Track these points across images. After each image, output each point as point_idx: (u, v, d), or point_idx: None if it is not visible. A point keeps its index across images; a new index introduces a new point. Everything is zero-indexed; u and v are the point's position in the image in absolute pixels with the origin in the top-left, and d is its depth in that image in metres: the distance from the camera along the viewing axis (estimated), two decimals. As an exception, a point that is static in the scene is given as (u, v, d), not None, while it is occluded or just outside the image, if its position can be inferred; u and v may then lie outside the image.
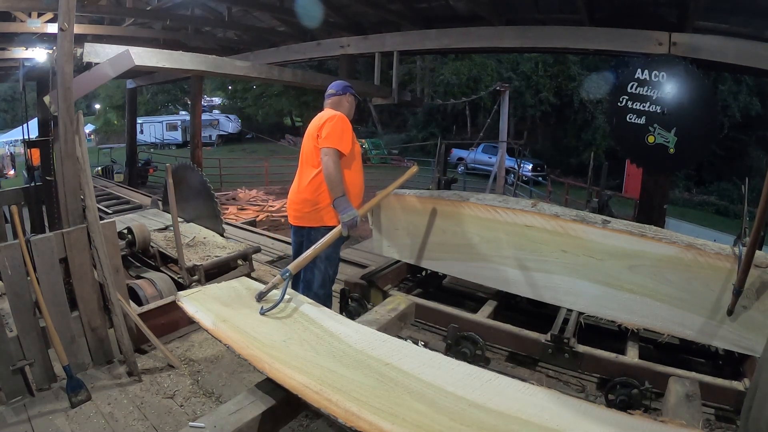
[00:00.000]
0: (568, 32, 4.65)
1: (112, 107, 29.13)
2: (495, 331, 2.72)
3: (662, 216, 4.57)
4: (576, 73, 18.59)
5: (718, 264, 2.24)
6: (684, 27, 4.10)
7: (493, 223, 2.84)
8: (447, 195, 3.12)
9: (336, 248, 2.73)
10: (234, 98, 30.05)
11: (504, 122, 12.52)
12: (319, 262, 2.65)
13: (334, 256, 2.75)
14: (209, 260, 3.76)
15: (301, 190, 2.72)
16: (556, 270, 2.66)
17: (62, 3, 2.59)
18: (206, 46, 8.31)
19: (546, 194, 11.47)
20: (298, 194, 2.73)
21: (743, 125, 16.49)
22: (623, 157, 6.26)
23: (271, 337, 1.83)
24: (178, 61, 3.85)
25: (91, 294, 2.70)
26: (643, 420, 1.42)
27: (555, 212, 2.67)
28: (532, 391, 1.54)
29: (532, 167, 16.29)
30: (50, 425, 2.26)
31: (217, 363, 2.87)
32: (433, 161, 10.07)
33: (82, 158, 2.67)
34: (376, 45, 5.92)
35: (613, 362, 2.42)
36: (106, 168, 13.54)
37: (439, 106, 20.11)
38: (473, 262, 2.99)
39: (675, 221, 8.64)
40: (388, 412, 1.38)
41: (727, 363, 2.71)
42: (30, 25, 5.64)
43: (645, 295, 2.43)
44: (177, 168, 4.50)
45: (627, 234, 2.43)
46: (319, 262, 2.66)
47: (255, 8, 6.63)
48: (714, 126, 4.20)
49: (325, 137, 2.56)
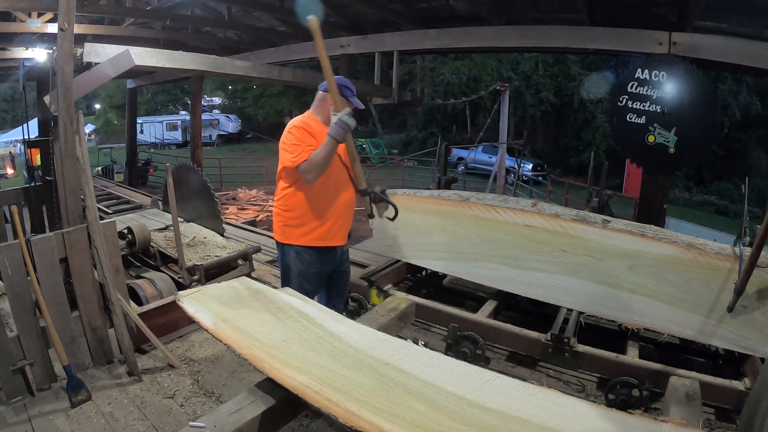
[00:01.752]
0: (568, 32, 4.65)
1: (112, 107, 29.13)
2: (495, 330, 2.72)
3: (662, 216, 4.57)
4: (576, 73, 18.57)
5: (718, 264, 2.25)
6: (684, 27, 4.10)
7: (494, 223, 2.84)
8: (447, 195, 3.12)
9: (310, 265, 2.44)
10: (234, 98, 30.05)
11: (504, 122, 12.53)
12: (292, 276, 2.45)
13: (310, 272, 2.45)
14: (209, 260, 3.76)
15: (274, 203, 2.50)
16: (557, 270, 2.66)
17: (62, 3, 2.59)
18: (206, 46, 8.31)
19: (546, 194, 11.47)
20: (273, 207, 2.53)
21: (743, 125, 16.48)
22: (623, 156, 6.25)
23: (271, 337, 1.83)
24: (178, 61, 3.85)
25: (91, 294, 2.70)
26: (643, 420, 1.42)
27: (555, 212, 2.67)
28: (532, 391, 1.54)
29: (532, 167, 16.31)
30: (50, 425, 2.26)
31: (217, 363, 2.87)
32: (433, 161, 10.07)
33: (82, 158, 2.66)
34: (376, 45, 5.92)
35: (613, 362, 2.43)
36: (106, 168, 13.54)
37: (439, 105, 20.11)
38: (474, 261, 2.99)
39: (675, 221, 8.64)
40: (388, 411, 1.38)
41: (727, 363, 2.72)
42: (30, 25, 5.64)
43: (645, 295, 2.43)
44: (177, 168, 4.50)
45: (627, 234, 2.44)
46: (293, 276, 2.45)
47: (255, 8, 6.63)
48: (714, 126, 4.20)
49: (284, 157, 2.28)
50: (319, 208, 2.39)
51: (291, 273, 2.47)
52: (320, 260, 2.46)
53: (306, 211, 2.39)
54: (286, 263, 2.50)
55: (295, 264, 2.45)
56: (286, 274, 2.52)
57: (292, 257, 2.45)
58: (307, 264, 2.44)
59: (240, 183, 13.17)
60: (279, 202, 2.46)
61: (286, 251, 2.48)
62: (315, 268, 2.47)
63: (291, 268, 2.47)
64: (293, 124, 2.35)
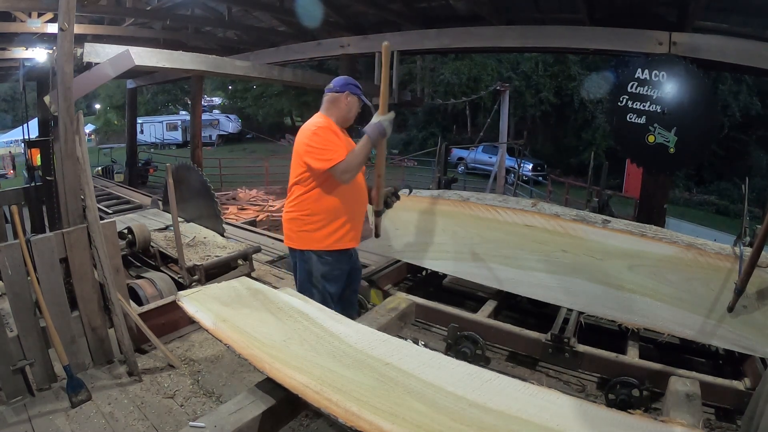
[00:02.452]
0: (568, 32, 4.65)
1: (112, 107, 29.11)
2: (495, 330, 2.72)
3: (662, 215, 4.57)
4: (576, 73, 18.56)
5: (718, 264, 2.25)
6: (684, 27, 4.10)
7: (494, 223, 2.84)
8: (448, 195, 3.12)
9: (332, 267, 2.42)
10: (234, 98, 30.04)
11: (504, 122, 12.54)
12: (315, 281, 2.41)
13: (333, 274, 2.43)
14: (209, 260, 3.76)
15: (289, 208, 2.45)
16: (557, 270, 2.66)
17: (62, 3, 2.59)
18: (206, 46, 8.31)
19: (546, 194, 11.47)
20: (286, 213, 2.47)
21: (743, 125, 16.47)
22: (623, 156, 6.26)
23: (271, 337, 1.83)
24: (178, 61, 3.85)
25: (91, 294, 2.70)
26: (643, 420, 1.42)
27: (555, 212, 2.68)
28: (532, 391, 1.54)
29: (532, 167, 16.30)
30: (50, 425, 2.26)
31: (217, 363, 2.87)
32: (433, 161, 10.08)
33: (82, 158, 2.66)
34: (376, 45, 5.92)
35: (613, 362, 2.42)
36: (106, 168, 13.53)
37: (439, 105, 20.10)
38: (474, 261, 2.99)
39: (675, 221, 8.64)
40: (388, 411, 1.38)
41: (727, 363, 2.72)
42: (30, 25, 5.64)
43: (645, 295, 2.43)
44: (177, 168, 4.51)
45: (627, 234, 2.44)
46: (315, 281, 2.41)
47: (255, 8, 6.63)
48: (714, 126, 4.20)
49: (316, 160, 2.24)
50: (341, 211, 2.38)
51: (313, 278, 2.41)
52: (341, 261, 2.45)
53: (329, 215, 2.36)
54: (307, 270, 2.43)
55: (317, 268, 2.39)
56: (306, 280, 2.45)
57: (314, 262, 2.40)
58: (330, 266, 2.40)
59: (240, 183, 13.18)
60: (297, 207, 2.39)
61: (306, 257, 2.42)
62: (338, 270, 2.45)
63: (313, 273, 2.41)
64: (317, 125, 2.31)
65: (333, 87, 2.42)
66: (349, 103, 2.42)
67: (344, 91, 2.40)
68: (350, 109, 2.43)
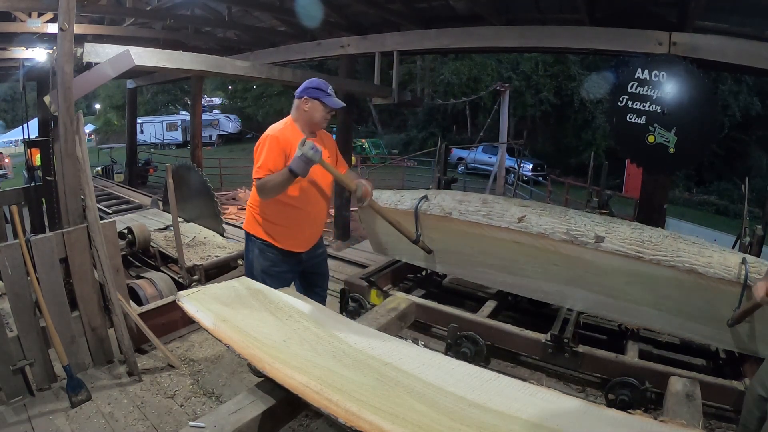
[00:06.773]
0: (568, 32, 4.64)
1: (112, 107, 29.12)
2: (495, 330, 2.72)
3: (662, 216, 4.56)
4: (576, 73, 18.57)
5: (720, 287, 2.19)
6: (684, 27, 4.10)
7: (481, 238, 2.79)
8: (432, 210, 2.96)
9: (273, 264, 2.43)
10: (234, 98, 30.05)
11: (504, 122, 12.53)
12: (256, 274, 2.43)
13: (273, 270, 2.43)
14: (209, 260, 3.76)
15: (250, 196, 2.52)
16: (552, 278, 2.64)
17: (62, 3, 2.59)
18: (206, 46, 8.31)
19: (546, 194, 11.47)
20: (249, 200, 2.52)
21: (743, 125, 16.48)
22: (623, 156, 6.25)
23: (271, 337, 1.83)
24: (178, 61, 3.84)
25: (91, 294, 2.70)
26: (643, 420, 1.42)
27: (543, 230, 2.55)
28: (532, 391, 1.54)
29: (532, 167, 16.30)
30: (50, 425, 2.26)
31: (217, 363, 2.87)
32: (433, 161, 10.06)
33: (82, 158, 2.67)
34: (376, 45, 5.92)
35: (613, 362, 2.42)
36: (106, 168, 13.52)
37: (439, 106, 20.08)
38: (470, 266, 2.98)
39: (675, 221, 8.64)
40: (389, 411, 1.38)
41: (727, 363, 2.71)
42: (30, 25, 5.64)
43: (644, 305, 2.42)
44: (177, 168, 4.51)
45: (622, 256, 2.35)
46: (257, 274, 2.43)
47: (255, 8, 6.62)
48: (714, 126, 4.19)
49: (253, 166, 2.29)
50: (287, 217, 2.39)
51: (254, 270, 2.46)
52: (283, 261, 2.45)
53: (271, 215, 2.40)
54: (250, 259, 2.49)
55: (258, 261, 2.44)
56: (250, 272, 2.49)
57: (256, 254, 2.45)
58: (270, 262, 2.43)
59: (240, 183, 13.13)
60: (252, 200, 2.46)
61: (251, 246, 2.47)
62: (278, 268, 2.45)
63: (254, 265, 2.46)
64: (268, 134, 2.32)
65: (299, 92, 2.38)
66: (310, 108, 2.35)
67: (302, 96, 2.35)
68: (312, 114, 2.36)
